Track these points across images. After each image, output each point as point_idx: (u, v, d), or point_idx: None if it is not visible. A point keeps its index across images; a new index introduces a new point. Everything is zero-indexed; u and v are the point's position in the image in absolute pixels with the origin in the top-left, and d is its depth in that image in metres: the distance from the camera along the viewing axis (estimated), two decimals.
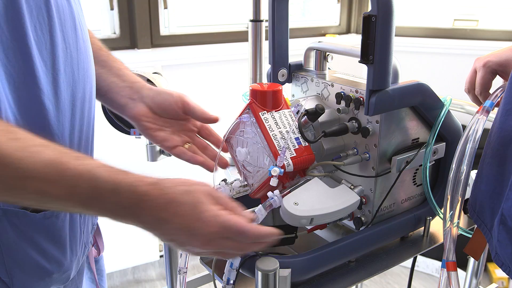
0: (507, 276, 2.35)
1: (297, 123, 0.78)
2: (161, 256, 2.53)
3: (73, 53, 0.69)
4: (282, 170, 0.74)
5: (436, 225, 0.92)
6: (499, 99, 0.81)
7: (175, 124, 0.85)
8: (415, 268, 1.61)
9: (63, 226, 0.71)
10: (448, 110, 0.84)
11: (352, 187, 0.77)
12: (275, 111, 0.79)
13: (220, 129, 0.90)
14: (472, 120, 0.80)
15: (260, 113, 0.77)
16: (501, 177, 0.73)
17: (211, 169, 0.84)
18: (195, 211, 0.60)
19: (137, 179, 0.60)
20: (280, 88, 0.80)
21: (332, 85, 0.85)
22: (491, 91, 0.90)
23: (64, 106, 0.69)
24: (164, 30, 2.36)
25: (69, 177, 0.56)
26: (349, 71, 0.91)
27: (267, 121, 0.77)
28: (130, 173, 0.60)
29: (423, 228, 0.91)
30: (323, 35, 2.78)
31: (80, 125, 0.74)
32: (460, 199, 0.78)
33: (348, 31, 2.88)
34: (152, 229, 0.62)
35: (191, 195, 0.61)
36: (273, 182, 0.74)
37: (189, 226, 0.60)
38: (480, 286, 1.15)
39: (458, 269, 0.79)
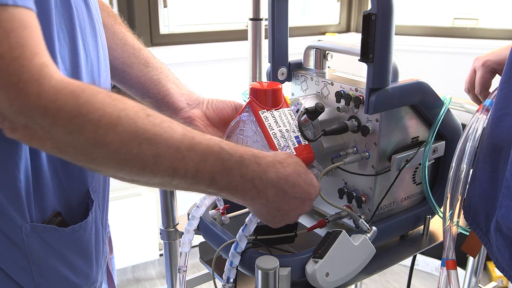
0: None
1: (297, 122, 0.78)
2: (160, 255, 2.53)
3: (94, 62, 0.69)
4: None
5: (435, 224, 0.92)
6: None
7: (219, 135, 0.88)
8: (415, 266, 1.61)
9: (90, 238, 0.71)
10: (448, 109, 0.84)
11: (369, 230, 0.77)
12: (275, 110, 0.79)
13: None
14: (472, 119, 0.81)
15: (260, 112, 0.77)
16: (494, 182, 0.73)
17: None
18: (307, 179, 0.68)
19: (259, 151, 0.65)
20: (280, 86, 0.80)
21: (332, 84, 0.85)
22: (490, 90, 0.90)
23: None
24: (163, 29, 2.35)
25: (199, 152, 0.58)
26: (349, 69, 0.91)
27: (267, 120, 0.77)
28: (252, 148, 0.65)
29: (422, 226, 0.91)
30: (323, 33, 2.78)
31: None
32: (460, 197, 0.79)
33: (348, 29, 2.88)
34: (271, 203, 0.66)
35: (300, 167, 0.68)
36: None
37: (306, 192, 0.68)
38: (479, 285, 1.15)
39: (458, 268, 0.79)
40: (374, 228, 0.77)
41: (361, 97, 0.79)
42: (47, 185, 0.64)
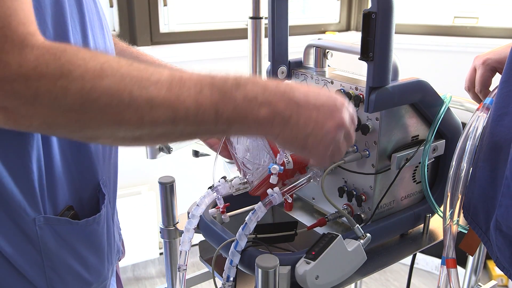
0: None
1: None
2: (160, 254, 2.53)
3: None
4: (282, 167, 0.74)
5: (435, 222, 0.92)
6: None
7: None
8: (415, 265, 1.62)
9: (102, 233, 0.70)
10: (448, 108, 0.84)
11: (364, 236, 0.76)
12: None
13: None
14: (472, 117, 0.81)
15: None
16: (493, 181, 0.73)
17: None
18: (322, 92, 0.63)
19: (251, 76, 0.60)
20: None
21: (332, 82, 0.85)
22: (491, 88, 0.90)
23: None
24: (163, 28, 2.35)
25: (192, 85, 0.53)
26: (348, 68, 0.90)
27: None
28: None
29: (422, 225, 0.91)
30: (323, 32, 2.78)
31: None
32: (460, 196, 0.78)
33: (348, 28, 2.88)
34: (287, 118, 0.59)
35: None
36: (273, 179, 0.74)
37: (327, 97, 0.63)
38: (479, 283, 1.15)
39: (458, 266, 0.79)
40: (368, 235, 0.76)
41: (361, 96, 0.79)
42: (59, 177, 0.64)
